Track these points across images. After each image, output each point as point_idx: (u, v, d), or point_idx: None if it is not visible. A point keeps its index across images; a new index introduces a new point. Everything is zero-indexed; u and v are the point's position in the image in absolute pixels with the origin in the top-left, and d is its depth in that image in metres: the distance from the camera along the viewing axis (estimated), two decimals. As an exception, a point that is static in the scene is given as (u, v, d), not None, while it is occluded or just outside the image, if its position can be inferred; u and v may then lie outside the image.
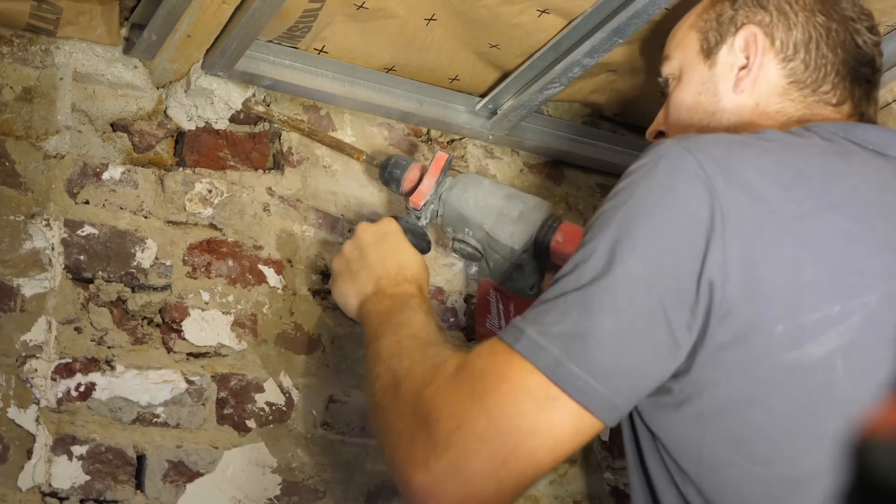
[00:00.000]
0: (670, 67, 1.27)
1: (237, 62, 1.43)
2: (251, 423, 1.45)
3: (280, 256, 1.53)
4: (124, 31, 1.46)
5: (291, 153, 1.56)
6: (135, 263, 1.42)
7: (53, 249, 1.37)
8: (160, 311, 1.43)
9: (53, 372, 1.33)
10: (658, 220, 0.97)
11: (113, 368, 1.37)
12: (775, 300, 0.96)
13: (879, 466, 0.45)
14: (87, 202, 1.41)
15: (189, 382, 1.41)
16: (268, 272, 1.51)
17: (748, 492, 0.98)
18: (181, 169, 1.49)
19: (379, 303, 1.24)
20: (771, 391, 0.97)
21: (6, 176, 1.36)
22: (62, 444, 1.31)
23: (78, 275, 1.38)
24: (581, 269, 0.97)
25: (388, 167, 1.46)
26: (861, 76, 1.19)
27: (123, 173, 1.44)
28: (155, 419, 1.38)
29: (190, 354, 1.43)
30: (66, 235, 1.38)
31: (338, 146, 1.51)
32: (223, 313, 1.46)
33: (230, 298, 1.47)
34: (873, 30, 1.21)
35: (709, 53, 1.22)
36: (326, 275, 1.55)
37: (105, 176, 1.43)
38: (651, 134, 1.30)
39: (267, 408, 1.46)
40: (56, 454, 1.31)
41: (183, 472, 1.38)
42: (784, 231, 0.97)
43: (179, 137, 1.51)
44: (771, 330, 0.95)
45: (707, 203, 0.96)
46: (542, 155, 1.77)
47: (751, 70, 1.18)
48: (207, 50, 1.41)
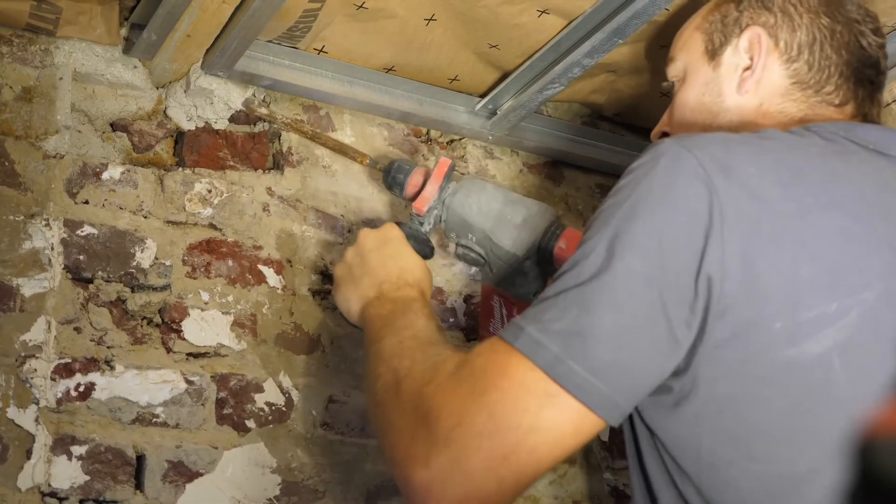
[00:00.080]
0: (675, 69, 1.27)
1: (237, 62, 1.43)
2: (251, 424, 1.45)
3: (280, 256, 1.52)
4: (124, 31, 1.46)
5: (291, 153, 1.56)
6: (134, 263, 1.42)
7: (53, 249, 1.37)
8: (160, 311, 1.43)
9: (53, 372, 1.33)
10: (657, 217, 0.97)
11: (112, 368, 1.37)
12: (774, 297, 0.96)
13: (883, 467, 0.45)
14: (87, 202, 1.41)
15: (189, 382, 1.41)
16: (267, 272, 1.51)
17: (747, 490, 0.98)
18: (181, 169, 1.49)
19: (381, 306, 1.24)
20: (769, 389, 0.97)
21: (6, 176, 1.36)
22: (62, 444, 1.31)
23: (77, 275, 1.38)
24: (581, 267, 0.97)
25: (392, 171, 1.45)
26: (865, 78, 1.19)
27: (123, 173, 1.44)
28: (154, 419, 1.38)
29: (189, 354, 1.43)
30: (66, 235, 1.38)
31: (341, 149, 1.50)
32: (223, 313, 1.46)
33: (230, 298, 1.47)
34: (878, 32, 1.21)
35: (713, 55, 1.22)
36: (326, 275, 1.55)
37: (105, 176, 1.43)
38: (655, 135, 1.30)
39: (266, 408, 1.46)
40: (55, 454, 1.30)
41: (182, 473, 1.38)
42: (783, 229, 0.98)
43: (179, 137, 1.51)
44: (769, 327, 0.96)
45: (706, 200, 0.96)
46: (542, 155, 1.77)
47: (755, 71, 1.18)
48: (207, 50, 1.41)
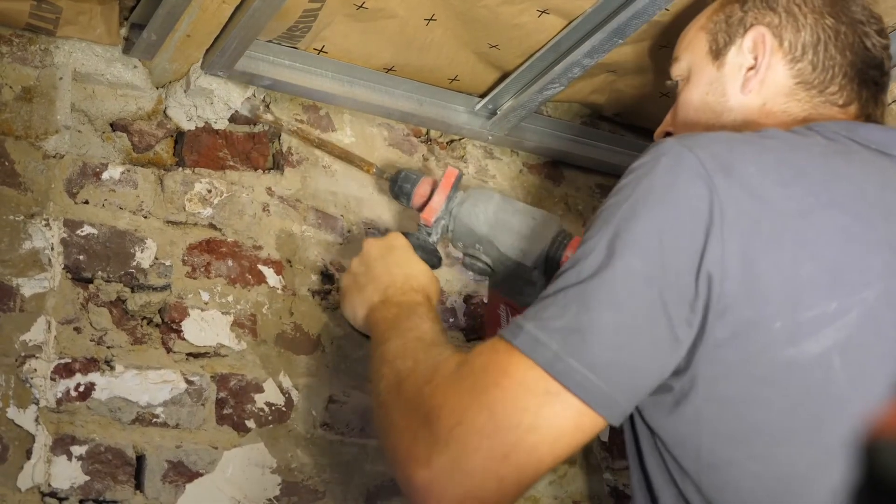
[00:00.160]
0: (679, 69, 1.27)
1: (237, 62, 1.42)
2: (251, 424, 1.45)
3: (279, 256, 1.52)
4: (124, 31, 1.46)
5: (291, 153, 1.56)
6: (134, 263, 1.42)
7: (53, 249, 1.37)
8: (160, 311, 1.43)
9: (53, 372, 1.33)
10: (658, 216, 0.97)
11: (112, 368, 1.37)
12: (774, 297, 0.96)
13: (888, 467, 0.45)
14: (87, 202, 1.41)
15: (188, 382, 1.41)
16: (267, 272, 1.51)
17: (747, 490, 0.98)
18: (181, 169, 1.49)
19: (386, 310, 1.24)
20: (769, 388, 0.97)
21: (6, 176, 1.36)
22: (61, 445, 1.31)
23: (77, 275, 1.38)
24: (581, 265, 0.97)
25: (399, 181, 1.45)
26: (869, 78, 1.19)
27: (123, 173, 1.44)
28: (154, 419, 1.38)
29: (189, 354, 1.43)
30: (66, 235, 1.38)
31: (347, 158, 1.50)
32: (223, 313, 1.46)
33: (230, 298, 1.47)
34: (882, 33, 1.21)
35: (717, 54, 1.22)
36: (326, 275, 1.55)
37: (104, 176, 1.43)
38: (659, 135, 1.30)
39: (266, 408, 1.46)
40: (55, 454, 1.30)
41: (182, 473, 1.38)
42: (783, 228, 0.98)
43: (179, 137, 1.51)
44: (769, 327, 0.96)
45: (707, 199, 0.96)
46: (542, 155, 1.77)
47: (759, 70, 1.18)
48: (207, 50, 1.41)
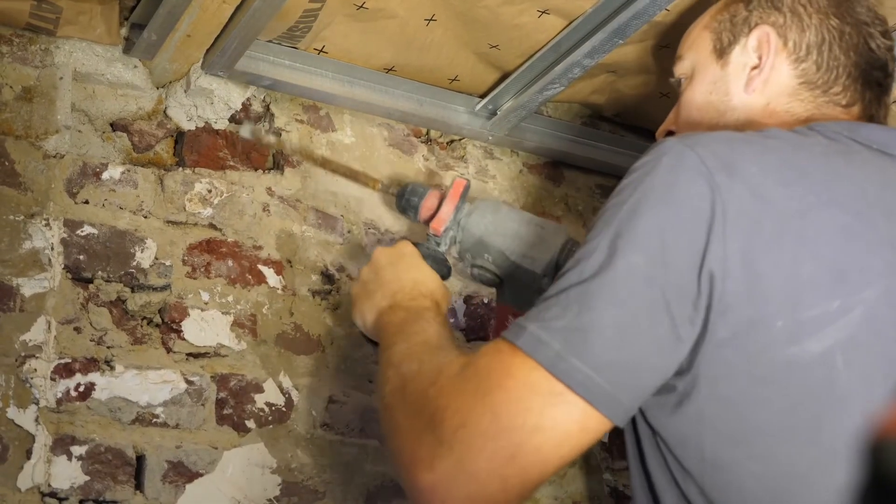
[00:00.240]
0: (682, 67, 1.26)
1: (237, 62, 1.42)
2: (251, 424, 1.44)
3: (280, 257, 1.52)
4: (124, 31, 1.46)
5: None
6: (134, 263, 1.42)
7: (53, 249, 1.36)
8: (160, 312, 1.42)
9: (53, 372, 1.33)
10: (660, 215, 0.97)
11: (112, 368, 1.37)
12: (775, 296, 0.96)
13: (894, 467, 0.45)
14: (87, 202, 1.41)
15: (188, 383, 1.41)
16: (267, 272, 1.51)
17: (750, 490, 0.97)
18: (181, 169, 1.48)
19: (394, 315, 1.23)
20: (770, 388, 0.96)
21: (6, 175, 1.36)
22: (61, 445, 1.31)
23: (77, 275, 1.38)
24: (583, 265, 0.97)
25: (406, 194, 1.45)
26: (873, 80, 1.19)
27: (123, 173, 1.44)
28: (154, 419, 1.38)
29: (189, 354, 1.43)
30: (66, 235, 1.38)
31: (352, 175, 1.50)
32: (223, 313, 1.46)
33: (230, 299, 1.47)
34: (887, 34, 1.20)
35: (721, 53, 1.22)
36: (326, 275, 1.55)
37: (105, 176, 1.43)
38: (661, 134, 1.30)
39: (266, 408, 1.46)
40: (55, 454, 1.30)
41: (182, 473, 1.38)
42: (784, 228, 0.98)
43: (179, 137, 1.51)
44: (770, 326, 0.95)
45: (708, 197, 0.96)
46: (542, 156, 1.77)
47: (763, 70, 1.18)
48: (207, 50, 1.41)
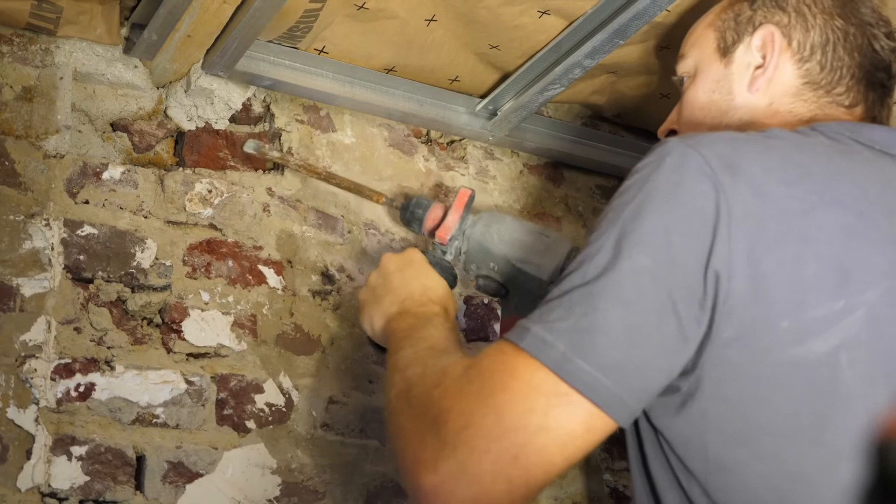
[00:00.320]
0: (685, 66, 1.26)
1: (237, 62, 1.42)
2: (251, 424, 1.44)
3: (280, 257, 1.52)
4: (124, 31, 1.46)
5: (291, 154, 1.56)
6: (134, 263, 1.42)
7: (53, 249, 1.36)
8: (160, 312, 1.42)
9: (53, 372, 1.33)
10: (664, 215, 0.96)
11: (112, 369, 1.37)
12: (779, 296, 0.96)
13: (901, 466, 0.45)
14: (87, 202, 1.40)
15: (189, 383, 1.41)
16: (268, 273, 1.51)
17: (755, 490, 0.97)
18: (181, 169, 1.48)
19: (402, 320, 1.23)
20: (775, 388, 0.96)
21: (6, 175, 1.36)
22: (61, 445, 1.31)
23: (78, 275, 1.38)
24: (587, 266, 0.97)
25: (410, 207, 1.46)
26: (876, 81, 1.19)
27: (123, 173, 1.44)
28: (154, 420, 1.38)
29: (190, 355, 1.43)
30: (66, 235, 1.38)
31: (356, 189, 1.51)
32: (223, 314, 1.46)
33: (230, 299, 1.47)
34: (891, 35, 1.20)
35: (725, 52, 1.22)
36: (326, 276, 1.55)
37: (105, 176, 1.43)
38: (663, 132, 1.30)
39: (266, 409, 1.46)
40: (55, 454, 1.30)
41: (182, 473, 1.38)
42: (788, 227, 0.98)
43: (179, 137, 1.51)
44: (775, 326, 0.95)
45: (713, 197, 0.96)
46: (542, 156, 1.77)
47: (766, 69, 1.18)
48: (208, 50, 1.41)
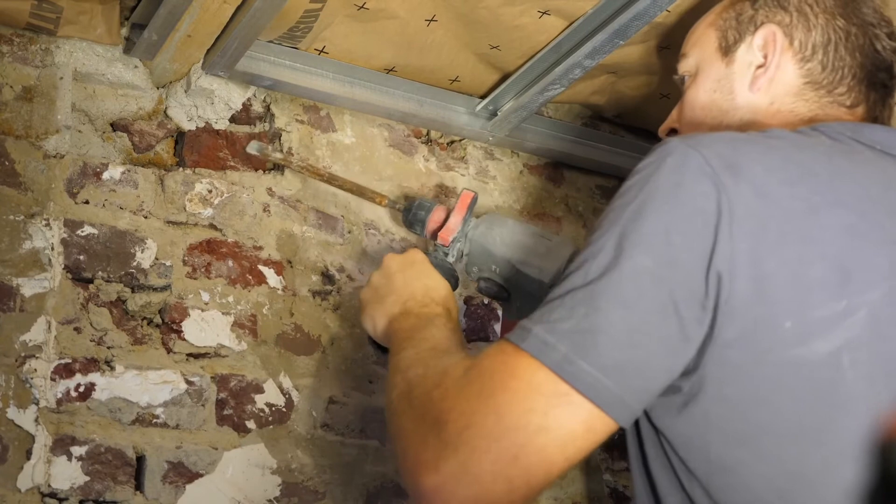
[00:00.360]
0: (687, 65, 1.26)
1: (238, 62, 1.42)
2: (251, 424, 1.44)
3: (280, 257, 1.52)
4: (125, 31, 1.46)
5: (291, 154, 1.56)
6: (135, 263, 1.42)
7: (53, 249, 1.36)
8: (160, 312, 1.42)
9: (53, 372, 1.33)
10: (666, 215, 0.96)
11: (112, 369, 1.37)
12: (782, 296, 0.95)
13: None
14: (87, 202, 1.40)
15: (189, 383, 1.41)
16: (268, 273, 1.51)
17: (757, 490, 0.97)
18: (181, 169, 1.48)
19: (405, 321, 1.23)
20: (777, 389, 0.96)
21: (6, 175, 1.36)
22: (61, 445, 1.31)
23: (78, 275, 1.38)
24: (588, 266, 0.97)
25: (413, 209, 1.46)
26: (878, 81, 1.19)
27: (123, 173, 1.44)
28: (154, 420, 1.38)
29: (190, 355, 1.43)
30: (66, 235, 1.38)
31: (359, 191, 1.51)
32: (223, 314, 1.46)
33: (230, 299, 1.47)
34: (892, 36, 1.20)
35: (727, 51, 1.22)
36: (326, 276, 1.55)
37: (105, 176, 1.43)
38: (664, 131, 1.30)
39: (267, 409, 1.46)
40: (55, 455, 1.30)
41: (182, 473, 1.38)
42: (790, 227, 0.97)
43: (179, 137, 1.50)
44: (778, 326, 0.95)
45: (714, 197, 0.96)
46: (543, 156, 1.77)
47: (768, 69, 1.18)
48: (208, 50, 1.41)
